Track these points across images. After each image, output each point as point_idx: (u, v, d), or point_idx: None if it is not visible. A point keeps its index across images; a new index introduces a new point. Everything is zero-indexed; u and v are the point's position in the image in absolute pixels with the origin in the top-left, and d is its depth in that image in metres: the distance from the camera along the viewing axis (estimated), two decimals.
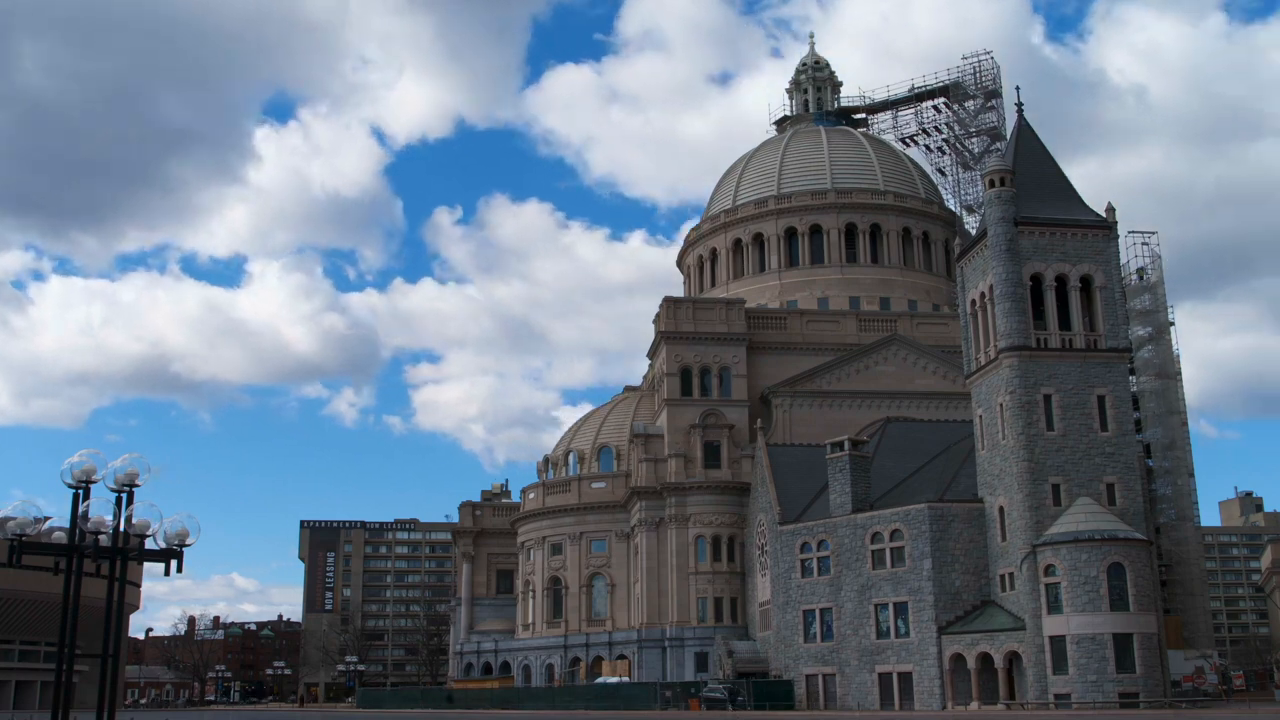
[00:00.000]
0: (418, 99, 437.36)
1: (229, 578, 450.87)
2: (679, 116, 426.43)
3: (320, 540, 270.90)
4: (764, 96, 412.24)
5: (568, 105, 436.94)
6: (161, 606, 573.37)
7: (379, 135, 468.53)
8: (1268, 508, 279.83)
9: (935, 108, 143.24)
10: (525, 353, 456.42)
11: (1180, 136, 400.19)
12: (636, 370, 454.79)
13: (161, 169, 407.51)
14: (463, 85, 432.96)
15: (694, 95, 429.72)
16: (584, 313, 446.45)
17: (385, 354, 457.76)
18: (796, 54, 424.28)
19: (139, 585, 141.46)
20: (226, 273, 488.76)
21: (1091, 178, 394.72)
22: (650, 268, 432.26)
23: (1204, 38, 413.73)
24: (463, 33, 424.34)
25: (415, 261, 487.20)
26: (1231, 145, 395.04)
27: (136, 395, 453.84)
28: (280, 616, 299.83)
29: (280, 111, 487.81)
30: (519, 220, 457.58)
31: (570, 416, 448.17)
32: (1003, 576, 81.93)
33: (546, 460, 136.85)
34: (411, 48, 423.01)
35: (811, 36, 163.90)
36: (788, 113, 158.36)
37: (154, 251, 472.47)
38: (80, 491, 31.32)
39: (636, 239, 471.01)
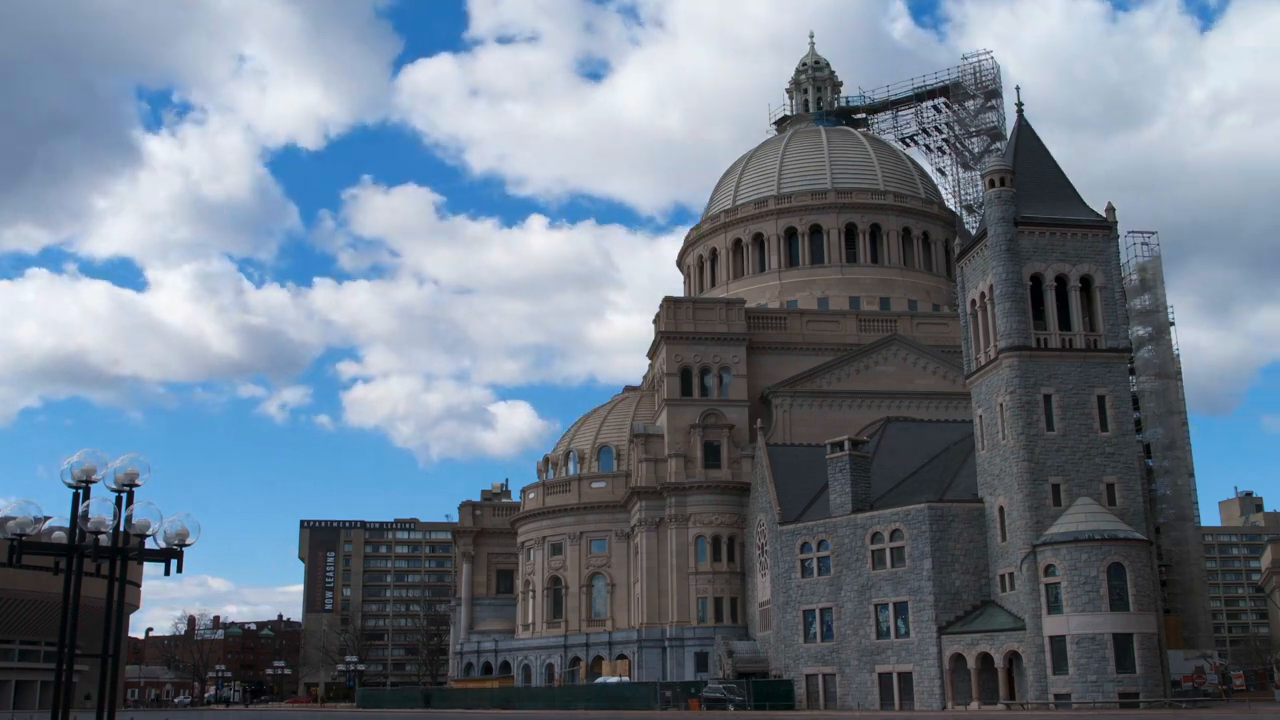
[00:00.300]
0: (294, 99, 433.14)
1: (226, 577, 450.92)
2: (552, 107, 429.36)
3: (320, 540, 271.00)
4: (635, 87, 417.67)
5: (440, 100, 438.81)
6: (153, 606, 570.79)
7: (261, 135, 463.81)
8: (1268, 508, 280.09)
9: (935, 108, 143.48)
10: (448, 347, 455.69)
11: (1060, 124, 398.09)
12: (564, 369, 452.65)
13: (47, 164, 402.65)
14: (336, 83, 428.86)
15: (563, 85, 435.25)
16: (495, 308, 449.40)
17: (307, 353, 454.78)
18: (650, 42, 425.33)
19: (139, 585, 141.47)
20: (126, 273, 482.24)
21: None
22: (556, 261, 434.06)
23: (1081, 24, 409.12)
24: (331, 28, 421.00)
25: (314, 261, 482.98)
26: (1114, 133, 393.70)
27: (63, 395, 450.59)
28: (280, 616, 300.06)
29: (165, 110, 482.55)
30: (416, 215, 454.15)
31: (504, 412, 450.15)
32: (1003, 576, 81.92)
33: (546, 460, 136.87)
34: (282, 46, 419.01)
35: (811, 37, 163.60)
36: (787, 112, 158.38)
37: (50, 252, 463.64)
38: (80, 491, 31.29)
39: (537, 230, 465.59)
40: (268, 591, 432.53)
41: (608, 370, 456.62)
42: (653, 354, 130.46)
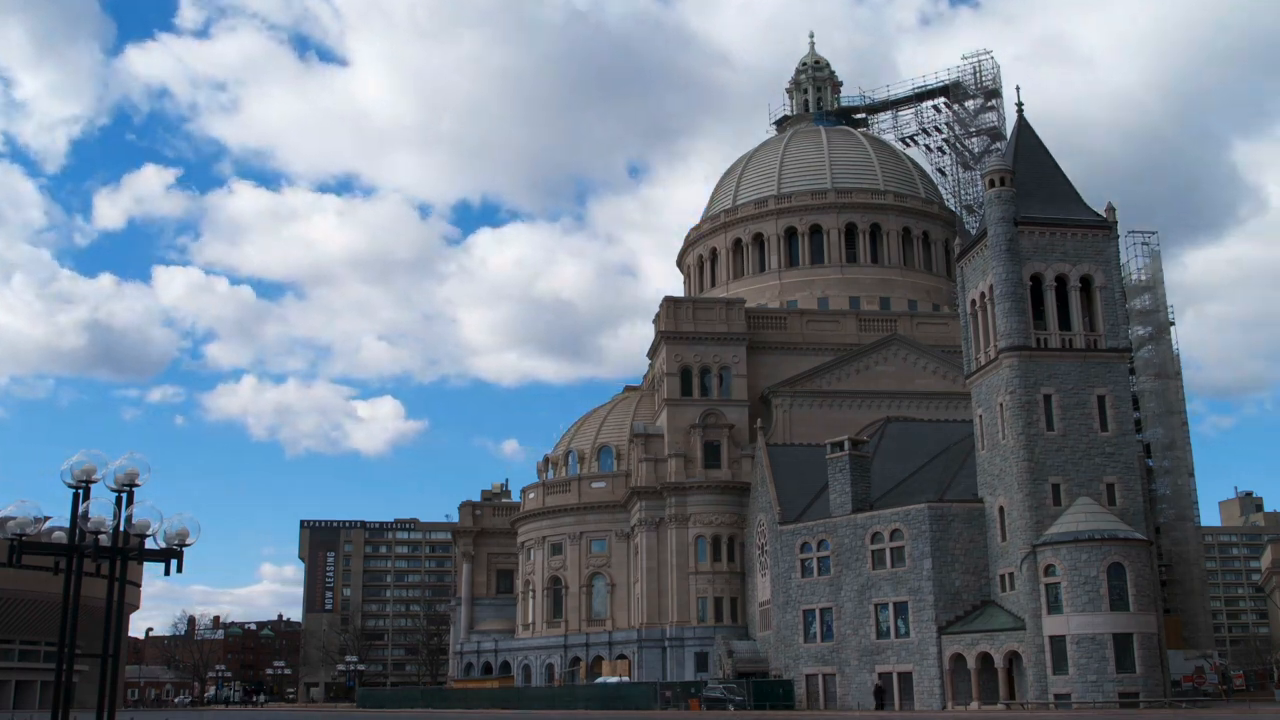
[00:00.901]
0: (43, 100, 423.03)
1: (225, 577, 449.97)
2: (301, 87, 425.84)
3: (320, 540, 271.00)
4: (367, 72, 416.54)
5: (177, 86, 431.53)
6: (155, 605, 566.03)
7: (16, 139, 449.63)
8: (1268, 508, 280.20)
9: (935, 108, 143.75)
10: (293, 342, 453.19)
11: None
12: (423, 367, 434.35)
13: None
14: (73, 75, 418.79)
15: (298, 64, 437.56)
16: (324, 302, 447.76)
17: (155, 349, 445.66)
18: (368, 24, 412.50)
19: (139, 585, 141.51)
20: None
21: (713, 150, 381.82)
22: (366, 252, 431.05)
23: None
24: (48, 23, 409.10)
25: (108, 258, 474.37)
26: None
27: None
28: (280, 616, 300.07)
29: None
30: (193, 204, 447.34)
31: (367, 410, 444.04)
32: (1003, 576, 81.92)
33: (546, 460, 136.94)
34: (11, 40, 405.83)
35: (811, 36, 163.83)
36: (787, 112, 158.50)
37: None
38: (80, 491, 31.28)
39: (328, 214, 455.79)
40: (267, 591, 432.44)
41: (466, 372, 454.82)
42: (653, 354, 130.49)
